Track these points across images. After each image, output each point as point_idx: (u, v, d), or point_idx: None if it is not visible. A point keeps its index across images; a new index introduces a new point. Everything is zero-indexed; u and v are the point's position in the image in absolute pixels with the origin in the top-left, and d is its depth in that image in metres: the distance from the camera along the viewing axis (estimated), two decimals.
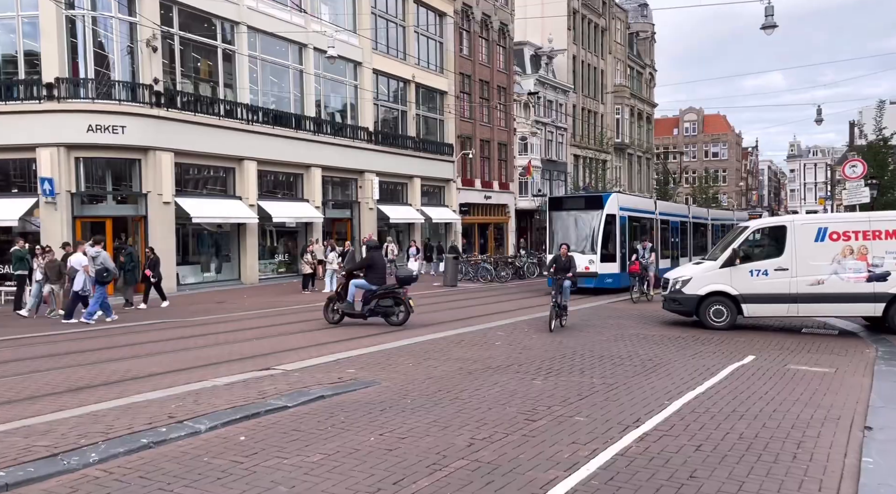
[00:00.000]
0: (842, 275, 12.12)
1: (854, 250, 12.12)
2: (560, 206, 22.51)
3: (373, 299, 12.73)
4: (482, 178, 39.91)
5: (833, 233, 12.28)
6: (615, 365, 9.12)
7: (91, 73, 19.88)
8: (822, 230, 12.36)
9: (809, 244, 12.36)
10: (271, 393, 6.49)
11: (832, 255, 12.22)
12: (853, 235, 12.22)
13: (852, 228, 12.28)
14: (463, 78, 37.90)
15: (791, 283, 12.37)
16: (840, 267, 12.17)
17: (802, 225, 12.65)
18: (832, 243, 12.24)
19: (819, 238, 12.34)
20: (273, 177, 26.22)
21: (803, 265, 12.30)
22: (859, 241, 12.11)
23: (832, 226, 12.40)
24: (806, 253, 12.31)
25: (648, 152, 66.21)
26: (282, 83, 26.56)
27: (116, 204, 21.12)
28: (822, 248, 12.26)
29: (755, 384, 8.01)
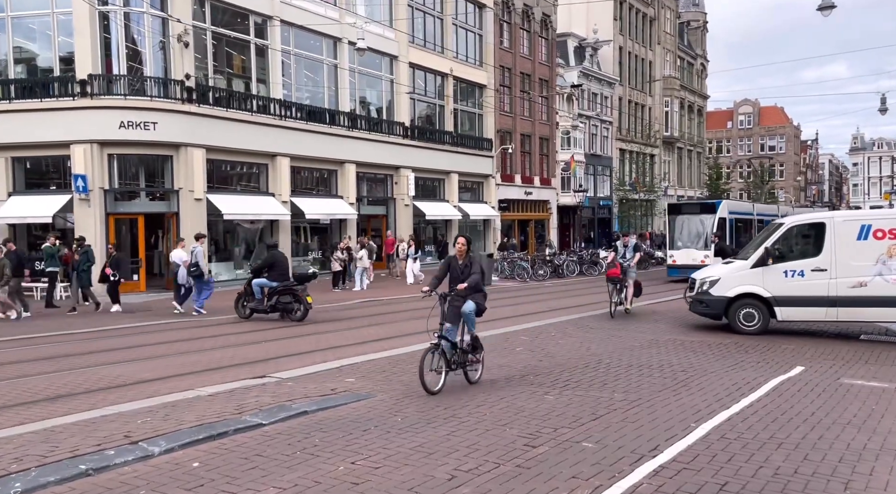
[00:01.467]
0: (887, 277, 11.11)
1: None
2: (678, 211, 25.83)
3: (274, 295, 13.36)
4: (522, 174, 38.98)
5: (878, 231, 11.25)
6: (643, 376, 8.29)
7: (123, 70, 19.92)
8: (865, 227, 11.34)
9: (851, 243, 11.34)
10: (250, 408, 5.96)
11: (877, 255, 11.19)
12: (881, 233, 11.18)
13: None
14: (503, 71, 37.03)
15: (830, 285, 11.39)
16: (885, 269, 11.15)
17: (843, 222, 11.61)
18: (877, 242, 11.22)
19: (862, 236, 11.32)
20: (307, 174, 25.99)
21: (844, 265, 11.34)
22: (888, 240, 11.12)
23: (877, 223, 11.36)
24: (847, 252, 11.34)
25: (699, 146, 63.89)
26: (316, 78, 26.29)
27: (150, 200, 21.17)
28: (865, 247, 11.26)
29: (800, 402, 7.08)
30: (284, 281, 13.51)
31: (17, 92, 19.61)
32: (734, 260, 13.24)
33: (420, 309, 15.29)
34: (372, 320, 13.73)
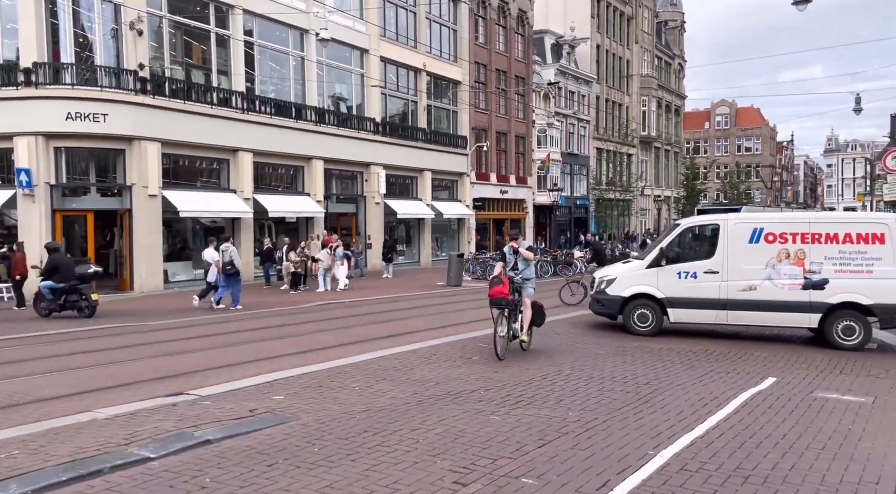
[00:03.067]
0: (776, 281, 10.92)
1: (791, 254, 10.91)
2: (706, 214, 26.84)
3: (62, 295, 14.32)
4: (498, 172, 38.35)
5: (769, 235, 11.03)
6: (603, 390, 7.63)
7: (72, 58, 18.86)
8: (757, 231, 11.12)
9: (743, 246, 11.13)
10: (145, 436, 5.17)
11: (767, 259, 11.00)
12: (791, 237, 10.92)
13: (790, 230, 11.02)
14: (478, 67, 36.36)
15: (721, 288, 11.21)
16: (774, 273, 10.94)
17: (736, 224, 11.34)
18: (768, 245, 11.04)
19: (754, 239, 11.12)
20: (271, 170, 25.07)
21: (735, 268, 11.16)
22: (797, 245, 10.90)
23: (769, 226, 11.15)
24: (739, 255, 11.15)
25: (677, 145, 63.82)
26: (282, 70, 25.38)
27: (101, 197, 20.13)
28: (756, 251, 11.06)
29: (771, 421, 6.46)
30: (69, 282, 14.39)
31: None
32: (631, 260, 13.26)
33: (380, 312, 14.61)
34: (324, 325, 12.94)
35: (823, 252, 10.83)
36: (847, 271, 10.72)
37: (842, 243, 10.78)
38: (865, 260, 10.71)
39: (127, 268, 19.74)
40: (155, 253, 19.94)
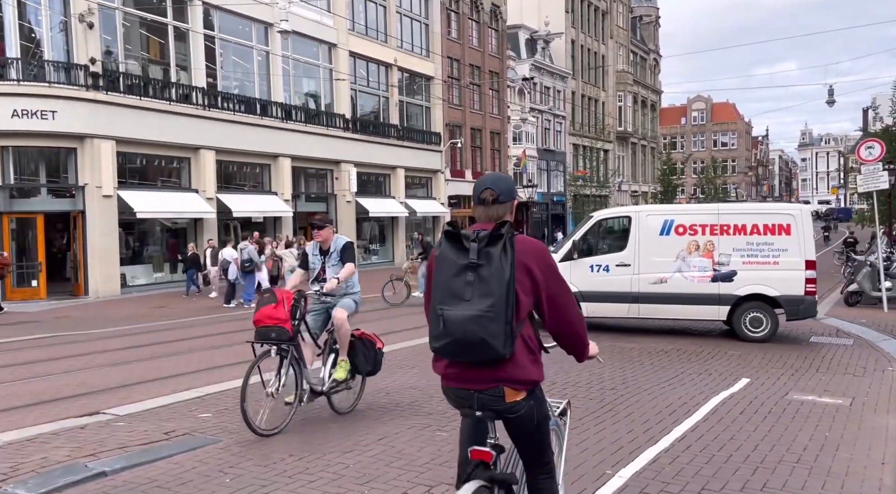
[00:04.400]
0: (686, 274, 10.74)
1: (700, 246, 10.74)
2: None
3: None
4: (473, 169, 37.83)
5: (679, 227, 10.87)
6: (565, 396, 7.07)
7: (18, 53, 17.95)
8: (668, 222, 10.96)
9: (654, 238, 10.98)
10: (27, 469, 4.50)
11: (677, 251, 10.85)
12: (700, 229, 10.74)
13: (700, 221, 10.84)
14: (451, 62, 35.79)
15: (633, 281, 11.06)
16: (685, 265, 10.77)
17: (648, 216, 11.17)
18: (678, 237, 10.88)
19: (664, 231, 10.95)
20: (235, 168, 24.28)
21: (646, 261, 11.00)
22: (706, 236, 10.73)
23: (679, 218, 11.01)
24: (650, 247, 11.00)
25: (653, 141, 63.84)
26: (246, 65, 24.58)
27: (52, 198, 19.23)
28: (666, 243, 10.91)
29: (743, 429, 5.96)
30: None
31: None
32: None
33: None
34: None
35: (732, 243, 10.69)
36: (755, 263, 10.61)
37: (749, 234, 10.66)
38: (772, 251, 10.61)
39: (81, 273, 18.88)
40: (111, 256, 19.10)
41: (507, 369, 2.65)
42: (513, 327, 2.59)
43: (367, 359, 6.17)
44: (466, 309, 2.55)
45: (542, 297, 2.76)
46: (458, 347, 2.60)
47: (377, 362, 6.28)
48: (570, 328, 2.91)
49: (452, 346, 2.61)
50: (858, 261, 15.58)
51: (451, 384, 2.78)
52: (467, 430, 2.78)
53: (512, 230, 2.65)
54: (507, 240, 2.59)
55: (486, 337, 2.54)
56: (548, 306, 2.79)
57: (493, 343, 2.55)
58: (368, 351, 6.18)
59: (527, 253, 2.70)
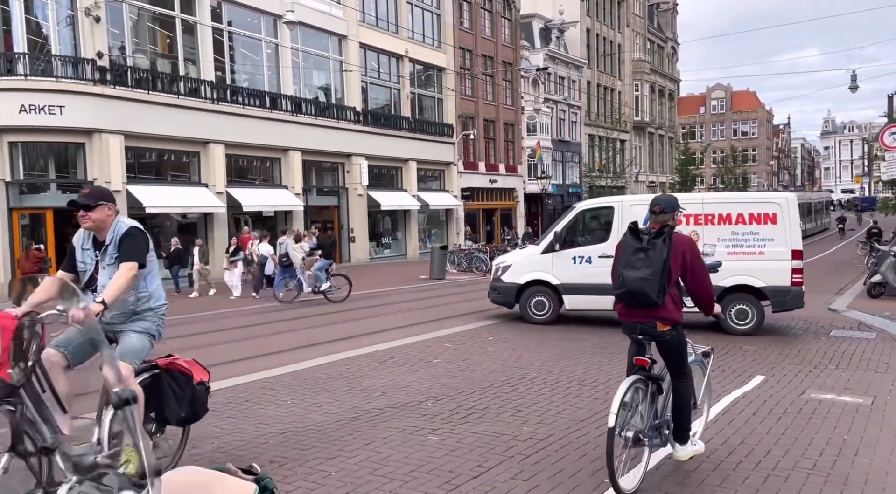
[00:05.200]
0: None
1: None
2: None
3: None
4: (487, 161, 37.42)
5: None
6: (569, 396, 6.78)
7: (25, 47, 17.91)
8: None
9: None
10: None
11: None
12: (684, 219, 10.35)
13: (684, 211, 10.45)
14: (463, 53, 35.35)
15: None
16: None
17: (631, 206, 10.85)
18: None
19: (648, 222, 10.53)
20: (245, 162, 24.16)
21: None
22: (690, 226, 10.45)
23: None
24: None
25: (671, 131, 62.84)
26: (255, 58, 24.40)
27: (61, 193, 19.20)
28: None
29: (755, 431, 5.62)
30: None
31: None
32: (528, 245, 12.93)
33: (349, 310, 13.58)
34: (285, 326, 12.07)
35: (717, 233, 10.45)
36: (740, 253, 10.37)
37: (734, 224, 10.43)
38: (758, 241, 10.36)
39: None
40: None
41: (659, 311, 4.36)
42: (664, 287, 4.31)
43: (179, 401, 4.06)
44: (637, 274, 4.33)
45: (687, 270, 4.51)
46: (630, 295, 4.37)
47: (196, 402, 4.20)
48: (702, 291, 4.63)
49: (627, 295, 4.39)
50: (882, 251, 15.01)
51: (624, 318, 4.53)
52: (633, 348, 4.58)
53: (671, 229, 4.47)
54: (667, 235, 4.39)
55: (647, 291, 4.28)
56: (689, 276, 4.54)
57: (650, 294, 4.28)
58: (181, 389, 4.07)
59: (680, 243, 4.49)
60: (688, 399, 4.60)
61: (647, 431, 4.36)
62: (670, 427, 4.58)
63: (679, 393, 4.57)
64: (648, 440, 4.37)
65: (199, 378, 4.24)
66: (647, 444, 4.38)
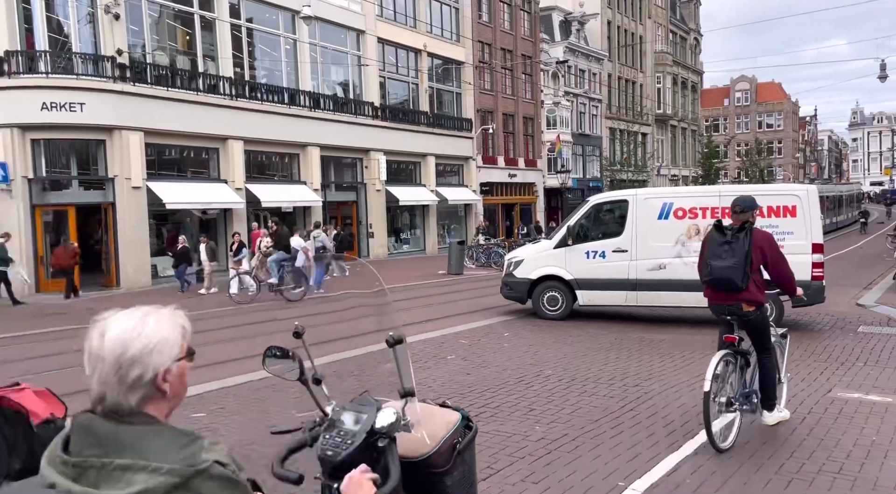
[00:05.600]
0: (686, 259, 10.16)
1: (701, 230, 10.25)
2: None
3: None
4: (506, 155, 37.17)
5: (678, 210, 10.53)
6: (584, 394, 6.63)
7: (46, 45, 18.09)
8: (666, 206, 10.57)
9: (652, 222, 10.64)
10: None
11: (676, 236, 10.49)
12: (700, 212, 10.35)
13: (700, 204, 10.45)
14: (482, 46, 35.09)
15: (630, 267, 10.74)
16: (684, 250, 10.31)
17: (646, 199, 10.84)
18: (677, 221, 10.54)
19: (663, 215, 10.60)
20: (264, 158, 24.22)
21: (644, 246, 10.68)
22: (707, 219, 10.21)
23: (678, 201, 10.64)
24: (648, 232, 10.68)
25: (694, 123, 61.92)
26: (273, 54, 24.43)
27: (83, 190, 19.41)
28: (665, 227, 10.59)
29: (778, 432, 5.42)
30: None
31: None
32: (541, 240, 12.86)
33: (364, 306, 13.51)
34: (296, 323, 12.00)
35: None
36: None
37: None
38: (776, 234, 10.23)
39: (112, 264, 19.05)
40: (141, 247, 19.21)
41: (743, 294, 5.11)
42: (747, 274, 5.07)
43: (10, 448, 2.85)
44: (723, 263, 5.13)
45: (768, 260, 5.23)
46: (718, 282, 5.19)
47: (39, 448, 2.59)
48: (783, 277, 5.34)
49: (715, 282, 5.21)
50: None
51: (713, 301, 5.37)
52: (722, 328, 5.32)
53: (751, 226, 5.22)
54: (747, 230, 5.15)
55: (732, 277, 5.07)
56: (770, 265, 5.26)
57: (736, 280, 5.07)
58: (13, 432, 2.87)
59: (759, 237, 5.23)
60: (773, 371, 5.36)
61: (738, 397, 5.16)
62: (758, 397, 5.33)
63: (765, 366, 5.31)
64: (738, 405, 5.16)
65: (45, 415, 2.94)
66: (738, 408, 5.17)
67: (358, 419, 2.00)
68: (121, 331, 1.29)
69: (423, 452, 2.11)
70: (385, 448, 1.94)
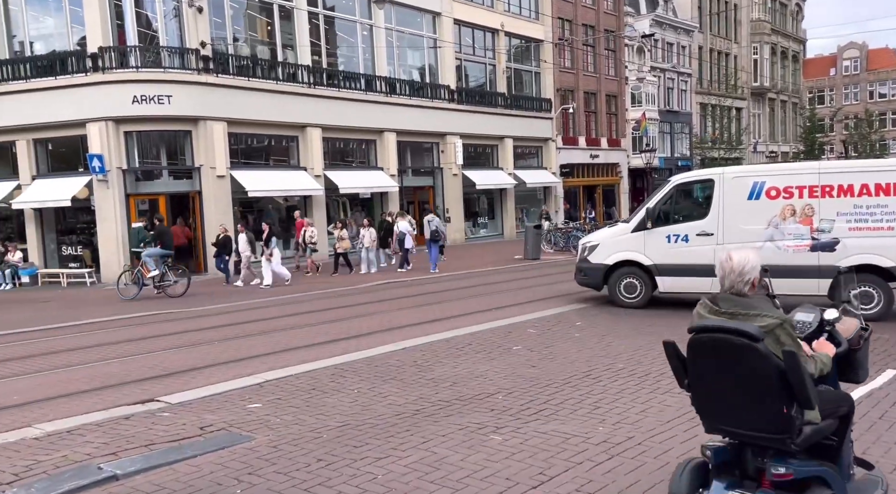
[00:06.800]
0: (779, 243, 9.64)
1: (797, 210, 9.61)
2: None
3: None
4: (587, 135, 35.99)
5: (771, 189, 9.72)
6: (657, 391, 6.12)
7: (135, 40, 18.89)
8: (757, 185, 9.77)
9: (741, 203, 9.88)
10: (40, 470, 4.29)
11: (769, 217, 9.76)
12: (797, 191, 9.55)
13: (796, 182, 9.52)
14: (562, 23, 33.96)
15: (716, 252, 9.82)
16: (777, 233, 9.66)
17: (734, 178, 10.07)
18: (770, 201, 9.76)
19: (753, 195, 9.78)
20: (342, 145, 24.47)
21: (732, 229, 9.93)
22: (804, 199, 9.54)
23: (771, 179, 9.80)
24: (736, 214, 9.93)
25: (795, 96, 57.80)
26: (350, 40, 24.56)
27: (172, 179, 20.25)
28: (756, 208, 9.82)
29: (881, 439, 4.78)
30: None
31: (33, 70, 19.00)
32: (618, 223, 12.31)
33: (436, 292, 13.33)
34: (366, 309, 11.96)
35: (835, 207, 9.38)
36: (864, 229, 9.28)
37: (857, 196, 9.27)
38: (886, 215, 9.17)
39: (200, 250, 19.82)
40: None
41: None
42: None
43: None
44: None
45: None
46: None
47: None
48: None
49: None
50: None
51: None
52: None
53: None
54: None
55: None
56: None
57: None
58: None
59: None
60: None
61: None
62: None
63: None
64: None
65: None
66: None
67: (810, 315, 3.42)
68: (740, 257, 3.02)
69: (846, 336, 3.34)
70: (832, 330, 3.31)
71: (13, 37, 19.89)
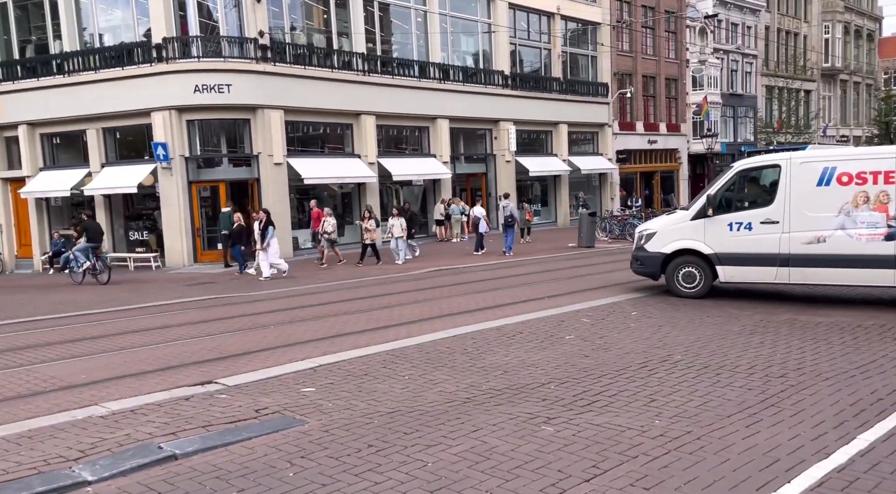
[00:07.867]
0: (850, 231, 9.24)
1: (871, 197, 9.16)
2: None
3: None
4: (645, 120, 35.07)
5: (843, 175, 9.29)
6: (716, 385, 5.91)
7: (197, 30, 19.37)
8: (828, 171, 9.36)
9: (810, 189, 9.47)
10: (104, 448, 4.44)
11: (840, 204, 9.32)
12: (871, 177, 9.09)
13: (870, 168, 9.04)
14: (621, 5, 33.09)
15: (782, 240, 9.67)
16: (849, 221, 9.25)
17: (802, 163, 9.63)
18: (841, 188, 9.31)
19: (823, 181, 9.33)
20: (395, 132, 24.56)
21: (799, 217, 9.56)
22: (878, 185, 9.07)
23: (842, 165, 9.34)
24: (804, 201, 9.53)
25: (869, 77, 54.82)
26: (404, 27, 24.55)
27: (232, 167, 20.75)
28: (826, 195, 9.40)
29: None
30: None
31: (101, 61, 19.73)
32: (676, 211, 11.98)
33: (487, 280, 13.23)
34: (417, 296, 11.98)
35: None
36: None
37: None
38: None
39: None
40: (282, 221, 20.15)
41: None
42: None
43: None
44: None
45: None
46: None
47: None
48: None
49: None
50: None
51: None
52: None
53: None
54: None
55: None
56: None
57: None
58: None
59: None
60: None
61: None
62: None
63: None
64: None
65: None
66: None
67: None
68: None
69: None
70: None
71: (84, 29, 20.68)
